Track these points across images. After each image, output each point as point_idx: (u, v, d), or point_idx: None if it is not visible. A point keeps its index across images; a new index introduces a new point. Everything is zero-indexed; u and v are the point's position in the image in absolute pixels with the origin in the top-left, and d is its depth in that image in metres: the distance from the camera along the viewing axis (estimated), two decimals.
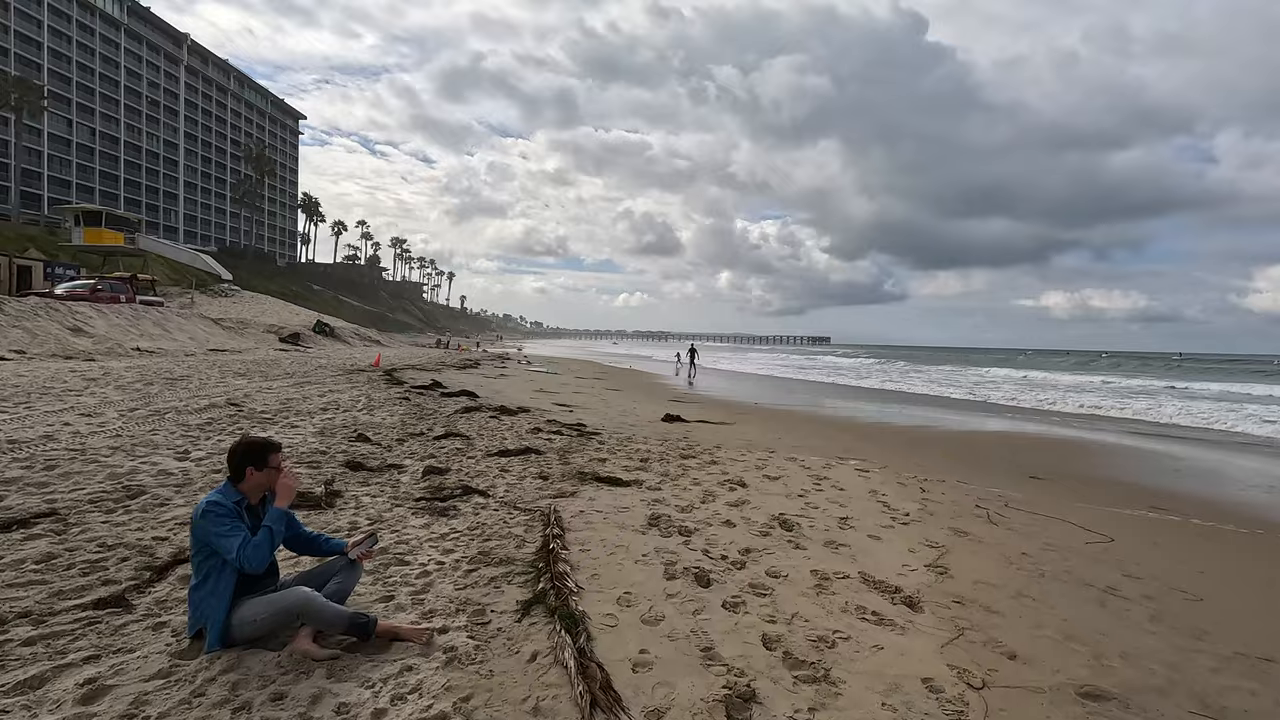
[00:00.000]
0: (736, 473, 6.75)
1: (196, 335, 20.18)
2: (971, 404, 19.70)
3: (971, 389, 25.63)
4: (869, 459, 8.30)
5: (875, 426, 12.95)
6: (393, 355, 25.93)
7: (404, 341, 60.96)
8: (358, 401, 10.38)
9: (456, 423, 9.08)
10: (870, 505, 5.70)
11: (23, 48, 62.68)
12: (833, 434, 11.17)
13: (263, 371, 13.66)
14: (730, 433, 10.18)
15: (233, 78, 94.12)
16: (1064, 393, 24.19)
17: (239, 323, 25.79)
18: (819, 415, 14.83)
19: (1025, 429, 13.47)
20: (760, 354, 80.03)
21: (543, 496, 5.33)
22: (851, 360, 57.60)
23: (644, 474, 6.46)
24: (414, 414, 9.63)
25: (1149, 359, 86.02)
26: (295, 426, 8.05)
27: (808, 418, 14.19)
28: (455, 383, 15.70)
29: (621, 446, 8.01)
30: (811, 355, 76.24)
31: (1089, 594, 3.85)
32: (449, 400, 11.68)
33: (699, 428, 10.59)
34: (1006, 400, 20.85)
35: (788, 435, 10.34)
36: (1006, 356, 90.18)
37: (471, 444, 7.52)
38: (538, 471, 6.25)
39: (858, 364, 50.46)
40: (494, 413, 10.34)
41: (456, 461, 6.51)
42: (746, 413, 14.11)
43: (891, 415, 15.39)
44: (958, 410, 17.46)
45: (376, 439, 7.57)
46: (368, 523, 4.40)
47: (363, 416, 9.13)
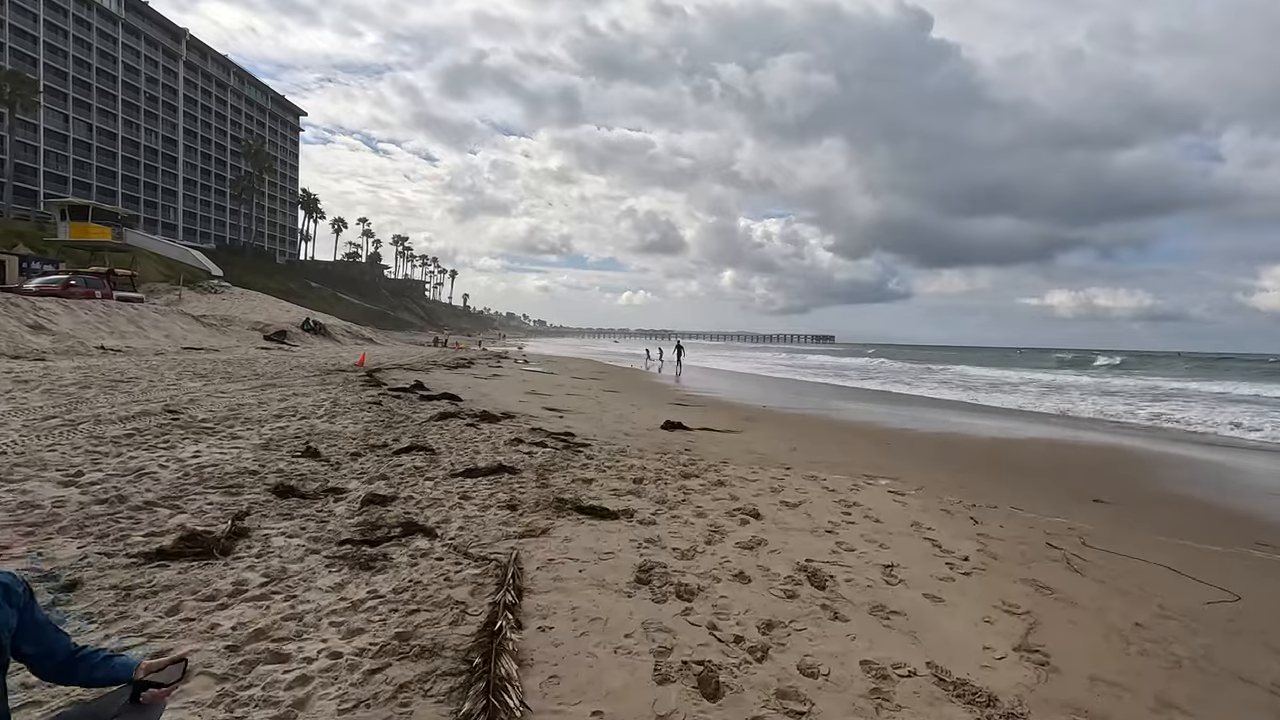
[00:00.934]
0: (748, 498, 5.63)
1: (173, 333, 19.16)
2: (978, 407, 18.53)
3: (972, 389, 24.46)
4: (898, 476, 7.18)
5: (895, 434, 11.82)
6: (383, 354, 24.88)
7: (402, 340, 60.08)
8: (321, 406, 9.30)
9: (427, 432, 7.99)
10: (917, 545, 4.58)
11: (18, 42, 61.89)
12: (850, 443, 10.04)
13: (229, 372, 12.60)
14: (737, 443, 9.06)
15: (232, 74, 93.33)
16: (1083, 395, 23.02)
17: (223, 320, 24.75)
18: (832, 420, 13.70)
19: (1059, 435, 12.31)
20: (762, 353, 78.82)
21: (506, 536, 4.24)
22: (854, 360, 56.39)
23: (636, 500, 5.35)
24: (381, 421, 8.55)
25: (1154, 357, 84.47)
26: (237, 438, 6.97)
27: (820, 423, 13.06)
28: (441, 384, 14.63)
29: (613, 462, 6.91)
30: (812, 354, 75.04)
31: (1258, 699, 2.73)
32: (427, 404, 10.59)
33: (702, 437, 9.48)
34: (1011, 404, 19.68)
35: (802, 445, 9.22)
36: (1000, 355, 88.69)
37: (436, 460, 6.43)
38: (507, 498, 5.15)
39: (860, 363, 49.26)
40: (473, 420, 9.25)
41: (411, 485, 5.41)
42: (754, 418, 12.99)
43: (907, 419, 14.24)
44: (973, 414, 16.30)
45: (328, 453, 6.50)
46: (261, 581, 3.31)
47: (321, 425, 8.05)
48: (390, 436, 7.59)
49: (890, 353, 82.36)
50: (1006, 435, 12.36)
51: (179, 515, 4.31)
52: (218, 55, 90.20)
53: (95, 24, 70.45)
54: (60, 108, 66.80)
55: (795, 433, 10.89)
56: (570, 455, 7.14)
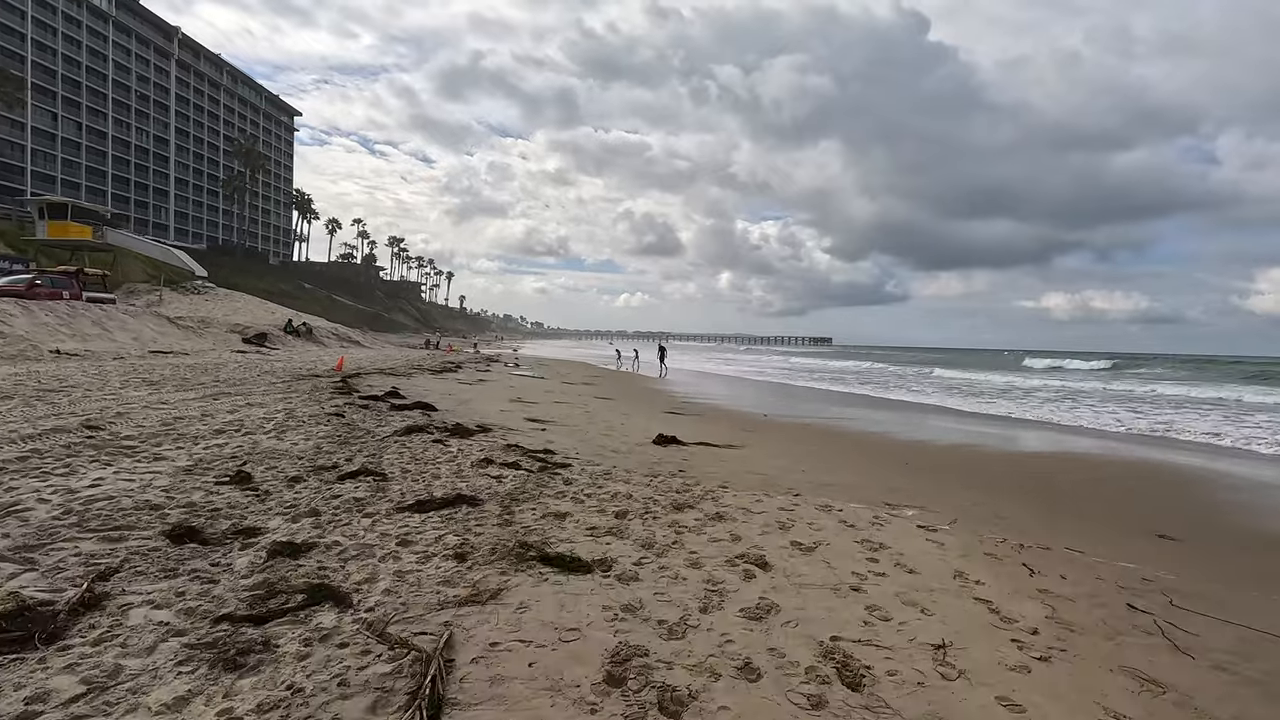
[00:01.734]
0: (752, 538, 4.69)
1: (142, 335, 18.17)
2: (990, 417, 17.62)
3: (977, 396, 23.56)
4: (923, 503, 6.24)
5: (909, 449, 10.88)
6: (366, 358, 23.90)
7: (395, 342, 59.10)
8: (274, 419, 8.33)
9: (385, 451, 7.03)
10: (969, 609, 3.63)
11: (5, 39, 60.94)
12: (863, 461, 9.10)
13: (185, 379, 11.62)
14: (738, 462, 8.12)
15: (225, 73, 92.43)
16: (1100, 401, 22.12)
17: (200, 322, 23.72)
18: (839, 432, 12.77)
19: (1083, 448, 11.39)
20: (759, 356, 77.88)
21: (444, 603, 3.28)
22: (851, 363, 55.49)
23: (617, 543, 4.40)
24: (338, 437, 7.58)
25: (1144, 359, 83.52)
26: (160, 459, 6.01)
27: (827, 436, 12.13)
28: (419, 391, 13.66)
29: (594, 488, 5.96)
30: (809, 358, 74.13)
31: None
32: (396, 416, 9.63)
33: (699, 454, 8.53)
34: (1022, 412, 18.77)
35: (810, 464, 8.27)
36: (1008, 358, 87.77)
37: (385, 488, 5.47)
38: (457, 543, 4.19)
39: (858, 366, 48.36)
40: (443, 434, 8.29)
41: (343, 525, 4.45)
42: (754, 429, 12.06)
43: (918, 430, 13.32)
44: (986, 424, 15.38)
45: (262, 478, 5.55)
46: (71, 694, 2.34)
47: (267, 441, 7.08)
48: (343, 456, 6.64)
49: (889, 356, 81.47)
50: (1028, 449, 11.44)
51: (23, 575, 3.35)
52: (211, 54, 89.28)
53: (85, 21, 69.53)
54: (49, 106, 65.82)
55: (801, 447, 9.95)
56: (546, 479, 6.18)
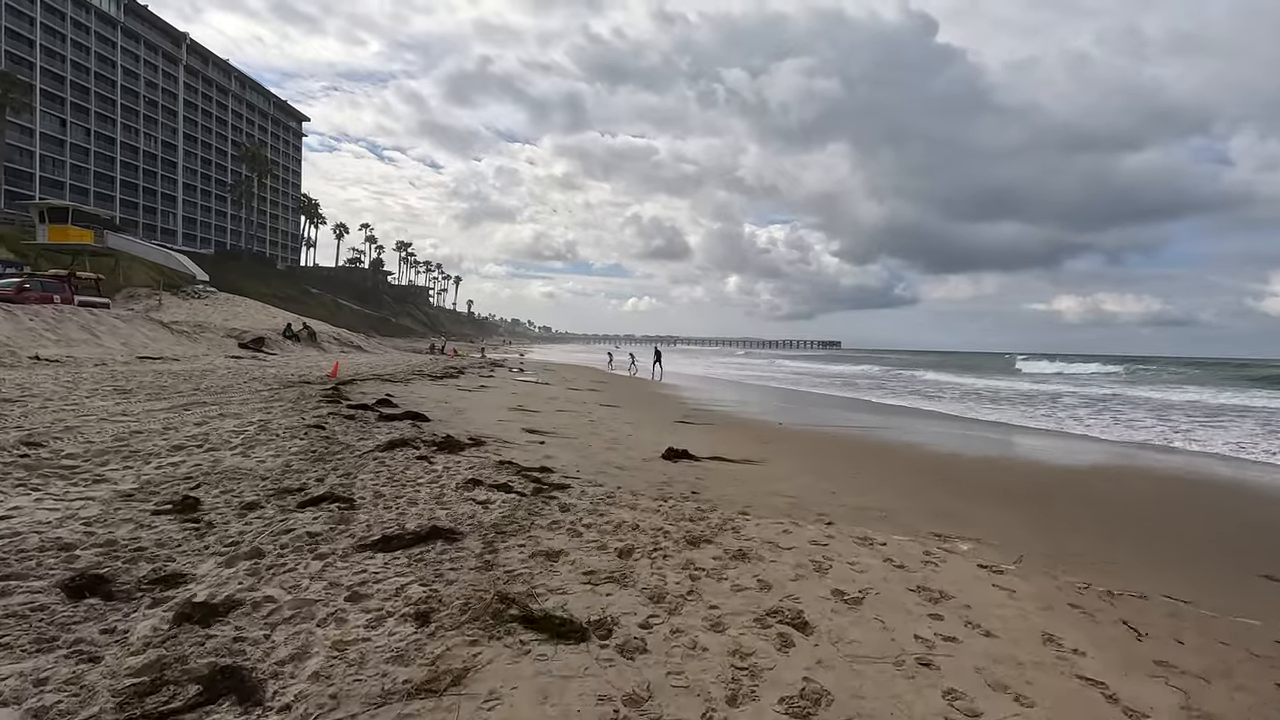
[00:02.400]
0: (783, 583, 3.86)
1: (132, 341, 17.57)
2: (1019, 427, 16.65)
3: (997, 402, 22.55)
4: (977, 533, 5.39)
5: (943, 462, 10.00)
6: (365, 363, 23.23)
7: (401, 347, 58.50)
8: (244, 432, 7.57)
9: (361, 470, 6.25)
10: (1077, 695, 2.78)
11: (14, 45, 61.18)
12: (897, 477, 8.24)
13: (162, 386, 10.92)
14: (757, 480, 7.28)
15: (234, 78, 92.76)
16: (1129, 408, 21.05)
17: (197, 327, 23.15)
18: (863, 443, 11.90)
19: (1124, 461, 10.45)
20: (769, 360, 76.74)
21: (387, 694, 2.47)
22: (861, 368, 54.36)
23: (619, 593, 3.58)
24: (312, 453, 6.81)
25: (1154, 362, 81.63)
26: (100, 481, 5.27)
27: (851, 448, 11.26)
28: (414, 399, 12.91)
29: (595, 515, 5.15)
30: (819, 363, 72.94)
31: None
32: (383, 427, 8.86)
33: (713, 470, 7.70)
34: (1053, 424, 17.78)
35: (838, 482, 7.42)
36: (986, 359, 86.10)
37: (350, 518, 4.68)
38: (422, 596, 3.39)
39: (869, 371, 47.28)
40: (430, 449, 7.50)
41: (285, 570, 3.66)
42: (771, 440, 11.21)
43: (948, 440, 12.42)
44: (1016, 434, 14.44)
45: (213, 504, 4.80)
46: None
47: (230, 459, 6.32)
48: (313, 475, 5.87)
49: (901, 361, 79.95)
50: (1070, 463, 10.53)
51: None
52: (219, 60, 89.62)
53: (94, 28, 69.83)
54: (58, 112, 66.09)
55: (823, 462, 9.09)
56: (540, 505, 5.37)
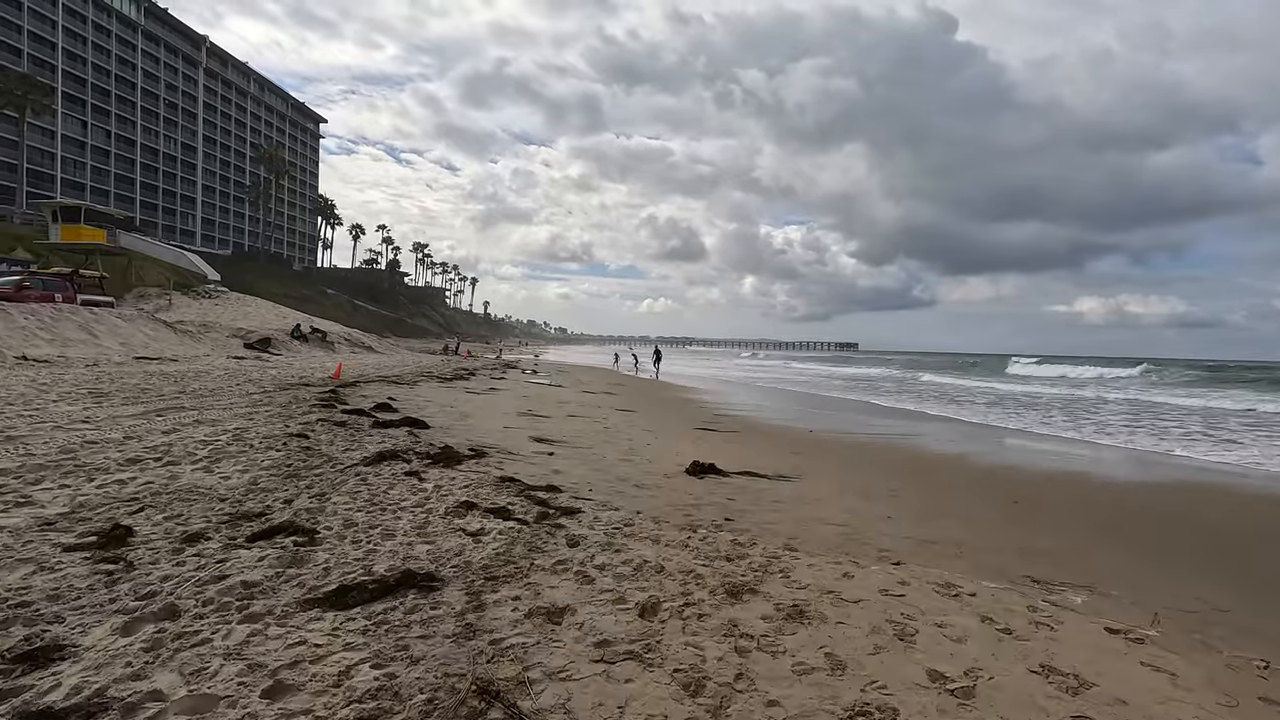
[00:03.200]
0: (859, 658, 2.86)
1: (132, 341, 17.00)
2: (1073, 440, 15.40)
3: (1034, 408, 21.21)
4: (1086, 577, 4.35)
5: (1001, 477, 8.90)
6: (374, 364, 22.54)
7: (416, 347, 58.03)
8: (215, 441, 6.72)
9: (338, 489, 5.35)
10: None
11: (36, 48, 61.88)
12: (954, 497, 7.18)
13: (144, 389, 10.17)
14: (797, 499, 6.28)
15: (252, 81, 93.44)
16: (1173, 419, 19.65)
17: (202, 326, 22.64)
18: (902, 453, 10.83)
19: (1205, 479, 9.27)
20: (787, 362, 75.37)
21: None
22: (880, 370, 52.86)
23: (643, 677, 2.61)
24: (287, 468, 5.93)
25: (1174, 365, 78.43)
26: (25, 503, 4.46)
27: (889, 458, 10.20)
28: (418, 402, 12.06)
29: (610, 552, 4.19)
30: (837, 365, 71.32)
31: None
32: (375, 435, 7.98)
33: (745, 487, 6.71)
34: (1110, 438, 16.48)
35: (889, 502, 6.39)
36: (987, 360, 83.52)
37: (305, 559, 3.76)
38: (369, 689, 2.44)
39: (889, 374, 45.85)
40: (424, 461, 6.60)
41: (202, 639, 2.73)
42: (804, 450, 10.18)
43: (995, 450, 11.30)
44: (1068, 444, 13.24)
45: (148, 535, 3.94)
46: None
47: (189, 476, 5.46)
48: (280, 497, 4.98)
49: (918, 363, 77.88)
50: (1146, 479, 9.36)
51: None
52: (237, 62, 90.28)
53: (115, 31, 70.51)
54: (79, 114, 66.76)
55: (867, 477, 8.05)
56: (544, 537, 4.43)
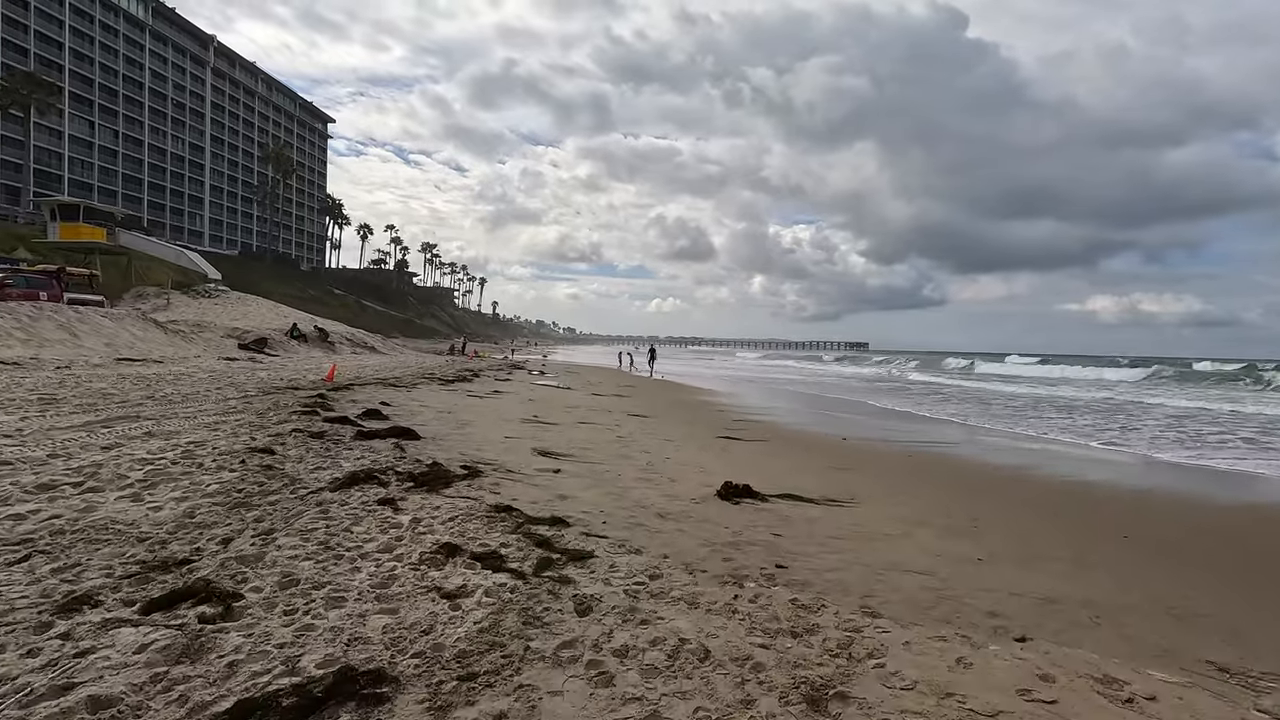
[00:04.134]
0: None
1: (117, 341, 16.11)
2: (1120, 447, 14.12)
3: (1071, 412, 19.88)
4: (1259, 652, 3.19)
5: (1086, 499, 7.71)
6: (376, 365, 21.59)
7: (423, 348, 57.22)
8: (158, 460, 5.66)
9: (291, 524, 4.26)
10: None
11: (43, 47, 61.68)
12: (1044, 527, 6.02)
13: (107, 394, 9.18)
14: (860, 535, 5.14)
15: (260, 80, 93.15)
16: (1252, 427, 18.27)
17: (195, 326, 21.77)
18: (956, 467, 9.64)
19: None
20: (797, 362, 73.89)
21: None
22: (896, 370, 51.40)
23: None
24: (238, 494, 4.85)
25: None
26: None
27: (947, 472, 9.02)
28: (413, 408, 11.01)
29: (632, 625, 3.07)
30: (849, 365, 69.82)
31: None
32: (354, 449, 6.91)
33: (792, 516, 5.58)
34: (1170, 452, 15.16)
35: (972, 537, 5.24)
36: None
37: (204, 648, 2.68)
38: None
39: (907, 375, 44.43)
40: (405, 484, 5.51)
41: None
42: (844, 461, 9.01)
43: (1053, 460, 10.09)
44: (1141, 460, 11.99)
45: (11, 602, 2.88)
46: None
47: (112, 506, 4.40)
48: (216, 536, 3.91)
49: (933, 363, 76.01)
50: (1258, 499, 8.13)
51: None
52: (245, 62, 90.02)
53: (122, 30, 70.27)
54: (86, 114, 66.54)
55: (929, 498, 6.88)
56: (544, 598, 3.32)
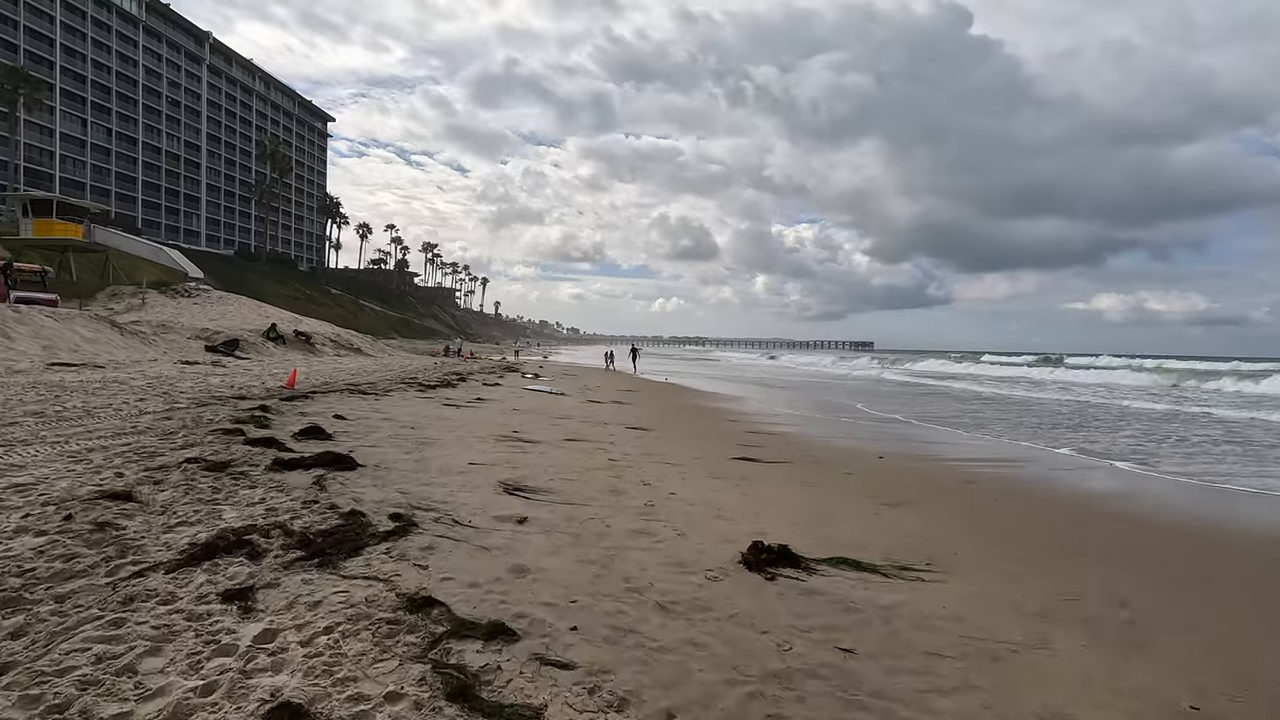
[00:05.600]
0: None
1: (59, 343, 14.50)
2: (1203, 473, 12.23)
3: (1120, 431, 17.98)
4: None
5: (1223, 552, 5.89)
6: (353, 369, 19.92)
7: (420, 349, 55.61)
8: None
9: (51, 649, 2.50)
10: None
11: (33, 44, 60.35)
12: (1227, 616, 4.22)
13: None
14: (965, 633, 3.34)
15: (258, 78, 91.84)
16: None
17: (160, 327, 20.19)
18: (1019, 492, 7.82)
19: None
20: (804, 361, 71.95)
21: None
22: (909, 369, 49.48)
23: None
24: (10, 585, 3.10)
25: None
26: None
27: (1012, 504, 7.20)
28: (373, 421, 9.27)
29: None
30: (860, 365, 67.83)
31: None
32: (257, 488, 5.15)
33: (852, 595, 3.79)
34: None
35: (1147, 643, 3.45)
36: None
37: None
38: None
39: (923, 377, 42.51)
40: (288, 555, 3.75)
41: None
42: (893, 490, 7.21)
43: (1131, 483, 8.25)
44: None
45: None
46: None
47: None
48: None
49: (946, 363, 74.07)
50: None
51: None
52: (242, 59, 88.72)
53: (115, 27, 68.97)
54: (78, 112, 65.23)
55: (1040, 568, 5.07)
56: None
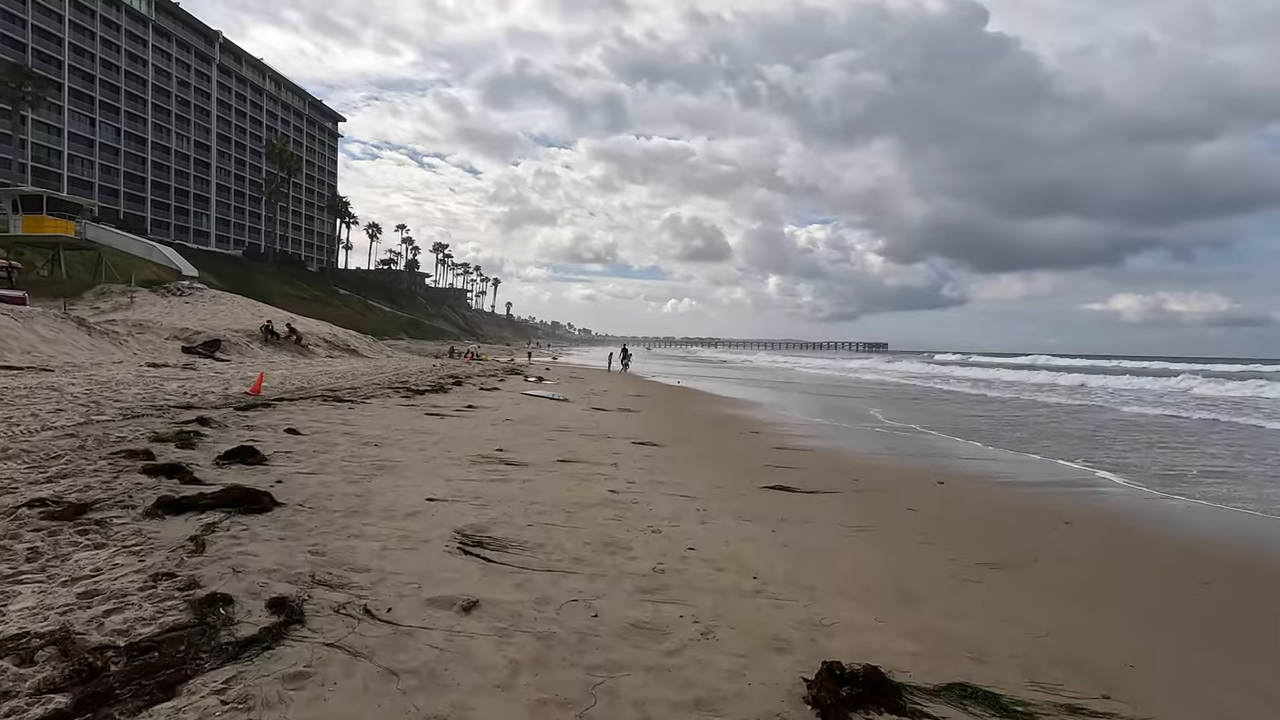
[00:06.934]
0: None
1: (12, 344, 13.28)
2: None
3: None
4: None
5: None
6: (341, 371, 18.55)
7: (428, 350, 54.43)
8: None
9: None
10: None
11: (42, 43, 60.07)
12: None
13: None
14: None
15: (268, 78, 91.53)
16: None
17: (137, 327, 19.01)
18: (1123, 535, 6.14)
19: None
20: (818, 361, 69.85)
21: None
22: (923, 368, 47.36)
23: None
24: None
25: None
26: None
27: (1135, 557, 5.54)
28: (331, 437, 7.79)
29: None
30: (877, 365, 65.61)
31: None
32: (106, 550, 3.65)
33: None
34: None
35: None
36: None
37: None
38: None
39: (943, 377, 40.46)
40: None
41: None
42: (978, 540, 5.57)
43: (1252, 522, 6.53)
44: None
45: None
46: None
47: None
48: None
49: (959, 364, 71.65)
50: None
51: None
52: (253, 59, 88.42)
53: (124, 25, 68.67)
54: (86, 111, 64.91)
55: (1244, 692, 3.42)
56: None
